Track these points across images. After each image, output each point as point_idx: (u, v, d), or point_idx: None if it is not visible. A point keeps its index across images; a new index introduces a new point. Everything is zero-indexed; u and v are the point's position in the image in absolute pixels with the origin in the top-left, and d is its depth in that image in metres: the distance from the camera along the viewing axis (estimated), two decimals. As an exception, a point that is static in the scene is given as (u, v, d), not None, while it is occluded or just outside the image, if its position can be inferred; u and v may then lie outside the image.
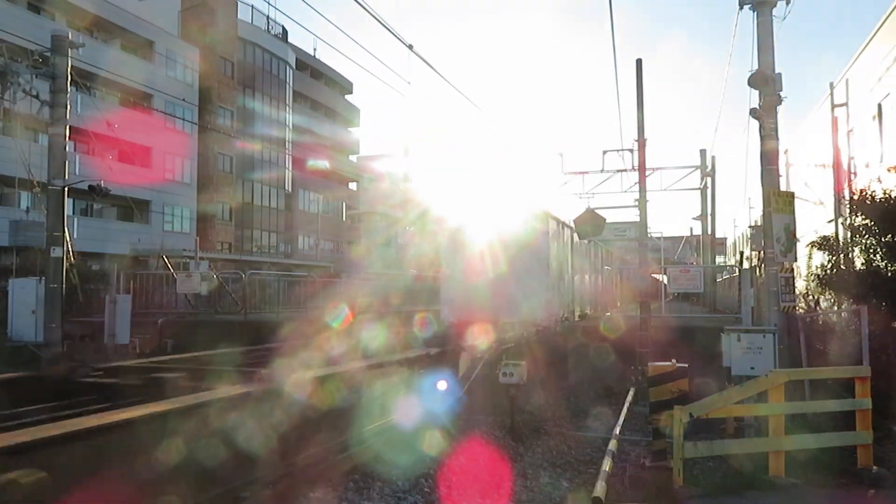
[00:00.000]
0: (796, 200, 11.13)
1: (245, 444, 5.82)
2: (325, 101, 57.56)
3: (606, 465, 5.64)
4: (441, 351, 10.05)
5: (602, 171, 27.18)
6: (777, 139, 10.99)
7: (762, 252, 11.16)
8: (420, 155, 64.63)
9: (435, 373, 8.86)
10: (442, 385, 8.45)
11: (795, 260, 11.08)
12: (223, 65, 43.29)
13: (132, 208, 30.63)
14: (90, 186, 13.24)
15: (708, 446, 6.42)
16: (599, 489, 4.93)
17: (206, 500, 5.30)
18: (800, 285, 12.92)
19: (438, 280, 13.77)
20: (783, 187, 12.92)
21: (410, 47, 10.84)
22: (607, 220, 15.18)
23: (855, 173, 16.95)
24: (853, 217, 10.89)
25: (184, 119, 36.37)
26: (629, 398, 9.71)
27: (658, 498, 6.13)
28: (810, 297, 13.32)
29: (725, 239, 45.59)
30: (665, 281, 18.45)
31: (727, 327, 9.37)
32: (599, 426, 10.06)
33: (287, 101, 49.08)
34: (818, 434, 6.94)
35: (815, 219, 18.51)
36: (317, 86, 56.76)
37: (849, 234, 11.64)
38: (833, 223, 17.03)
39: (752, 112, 10.83)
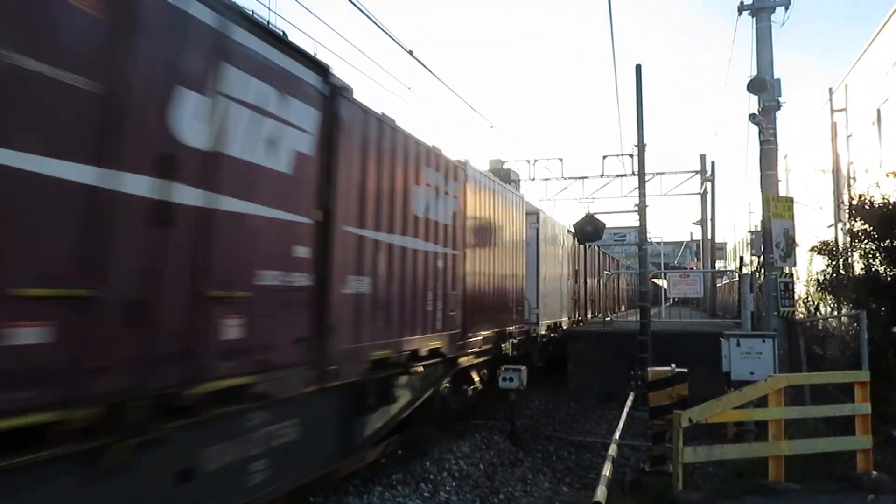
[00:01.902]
0: (796, 205, 11.17)
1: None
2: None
3: (606, 469, 5.64)
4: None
5: (602, 175, 27.27)
6: (776, 144, 11.06)
7: (762, 257, 11.18)
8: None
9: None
10: None
11: (795, 265, 11.12)
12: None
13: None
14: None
15: (707, 451, 6.42)
16: (600, 494, 4.93)
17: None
18: (799, 290, 12.94)
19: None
20: (783, 192, 12.99)
21: (411, 53, 10.89)
22: (607, 225, 15.20)
23: (854, 178, 16.98)
24: (852, 222, 10.91)
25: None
26: (629, 403, 9.72)
27: (658, 503, 6.14)
28: (810, 302, 13.34)
29: (725, 244, 45.65)
30: (665, 286, 18.45)
31: (727, 332, 9.39)
32: (599, 430, 10.06)
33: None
34: (818, 439, 6.94)
35: (814, 223, 18.53)
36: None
37: (848, 239, 11.66)
38: (833, 228, 17.06)
39: (752, 117, 10.90)
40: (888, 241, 10.08)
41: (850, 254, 11.66)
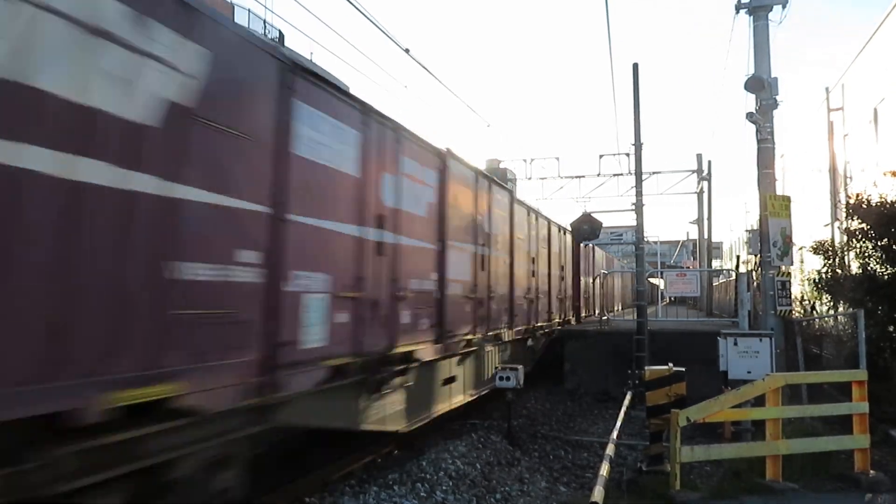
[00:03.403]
0: (793, 204, 11.16)
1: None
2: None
3: (604, 469, 5.61)
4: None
5: (599, 174, 27.28)
6: (773, 143, 11.02)
7: (758, 256, 11.17)
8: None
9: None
10: None
11: (792, 263, 11.11)
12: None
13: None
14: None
15: (704, 451, 6.40)
16: (597, 494, 4.90)
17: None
18: (796, 289, 12.94)
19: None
20: (779, 191, 12.96)
21: (407, 51, 10.85)
22: (604, 225, 15.19)
23: (851, 177, 17.00)
24: (849, 221, 10.91)
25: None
26: (626, 402, 9.69)
27: (655, 502, 6.12)
28: (806, 301, 13.36)
29: (722, 243, 45.73)
30: (662, 285, 18.44)
31: (724, 331, 9.36)
32: (596, 430, 10.04)
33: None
34: (815, 438, 6.93)
35: (811, 223, 18.56)
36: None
37: (845, 238, 11.67)
38: (829, 227, 17.08)
39: (749, 116, 10.86)
40: (885, 240, 10.08)
41: (846, 253, 11.67)
